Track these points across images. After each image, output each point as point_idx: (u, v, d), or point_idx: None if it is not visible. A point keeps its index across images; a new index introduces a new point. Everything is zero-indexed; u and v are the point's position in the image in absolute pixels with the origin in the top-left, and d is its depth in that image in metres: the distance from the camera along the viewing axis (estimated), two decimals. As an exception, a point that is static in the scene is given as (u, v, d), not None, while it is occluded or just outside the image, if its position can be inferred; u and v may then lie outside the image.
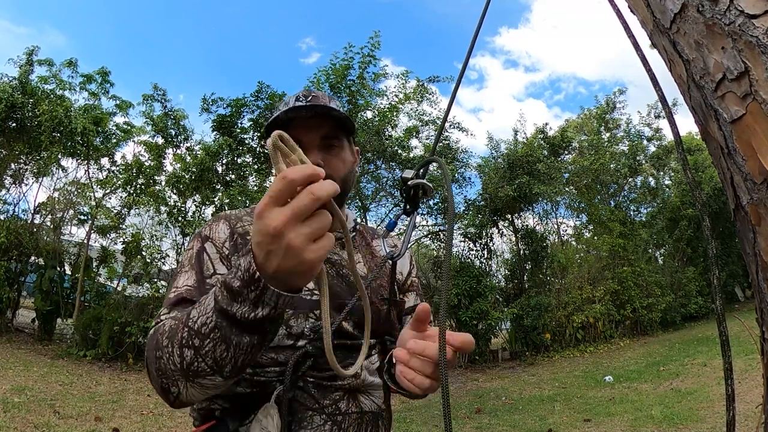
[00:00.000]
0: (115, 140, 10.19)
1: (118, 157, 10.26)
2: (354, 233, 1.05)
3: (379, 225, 10.93)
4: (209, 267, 0.88)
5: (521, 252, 11.57)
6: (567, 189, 12.32)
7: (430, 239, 11.39)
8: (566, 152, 12.90)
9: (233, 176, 9.89)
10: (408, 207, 0.89)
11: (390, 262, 0.94)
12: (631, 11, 0.96)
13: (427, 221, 11.32)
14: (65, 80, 9.72)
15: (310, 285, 0.89)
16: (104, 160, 10.14)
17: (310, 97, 0.96)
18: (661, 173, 14.59)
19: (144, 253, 9.25)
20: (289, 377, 0.82)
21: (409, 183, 0.85)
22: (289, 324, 0.86)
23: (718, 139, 0.75)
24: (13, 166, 9.62)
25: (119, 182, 9.79)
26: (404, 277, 1.09)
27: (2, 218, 9.18)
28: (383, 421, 0.96)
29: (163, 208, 9.62)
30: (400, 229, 1.15)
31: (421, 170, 0.88)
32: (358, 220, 1.10)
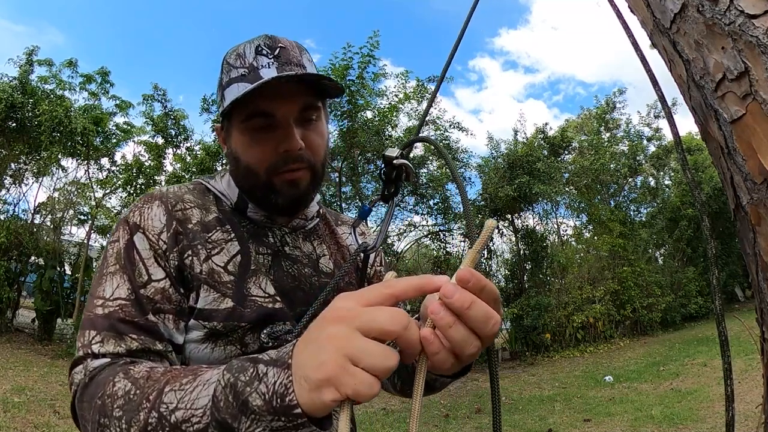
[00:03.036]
0: (115, 140, 10.20)
1: (118, 157, 10.28)
2: (317, 219, 0.86)
3: (379, 224, 10.94)
4: (142, 272, 0.66)
5: (521, 252, 11.56)
6: (567, 189, 12.31)
7: (430, 239, 11.38)
8: (566, 152, 12.89)
9: (233, 176, 9.89)
10: (387, 192, 0.74)
11: (362, 255, 0.77)
12: (631, 11, 0.96)
13: (427, 221, 11.32)
14: (65, 80, 9.72)
15: (271, 290, 0.72)
16: (104, 160, 10.16)
17: (277, 49, 0.73)
18: (661, 173, 14.58)
19: (144, 253, 9.25)
20: None
21: (395, 162, 0.71)
22: (245, 341, 0.69)
23: (718, 139, 0.75)
24: (13, 166, 9.62)
25: (119, 182, 9.80)
26: (369, 268, 0.92)
27: (2, 218, 9.17)
28: None
29: (163, 208, 9.61)
30: (376, 220, 1.02)
31: (405, 150, 0.74)
32: (358, 210, 0.89)
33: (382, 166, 0.72)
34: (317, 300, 0.67)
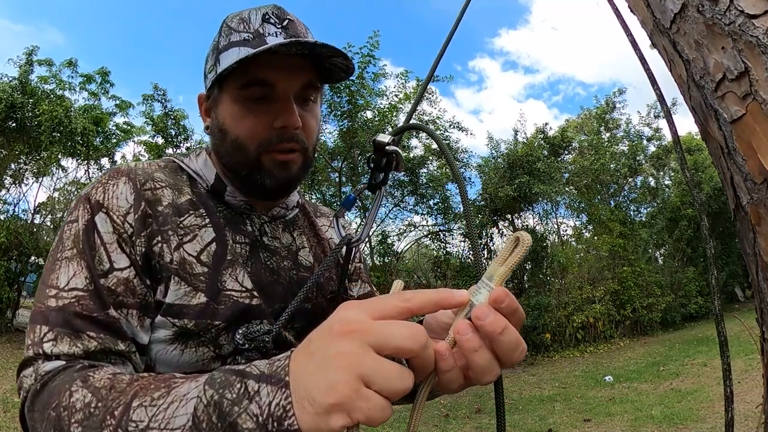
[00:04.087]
0: (115, 140, 10.22)
1: (118, 157, 10.31)
2: (296, 209, 0.80)
3: (379, 225, 10.94)
4: (103, 258, 0.58)
5: (521, 252, 11.56)
6: (567, 189, 12.32)
7: (430, 239, 11.38)
8: (566, 152, 12.91)
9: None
10: (374, 181, 0.67)
11: (345, 248, 0.71)
12: (631, 11, 0.96)
13: (427, 221, 11.33)
14: (65, 80, 9.75)
15: (248, 284, 0.66)
16: (104, 160, 10.18)
17: (285, 21, 0.67)
18: (661, 173, 14.59)
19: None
20: None
21: (387, 148, 0.65)
22: (219, 343, 0.62)
23: (718, 139, 0.75)
24: (13, 166, 9.63)
25: (119, 182, 9.81)
26: (350, 264, 0.87)
27: (2, 218, 9.18)
28: None
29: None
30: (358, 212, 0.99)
31: (396, 137, 0.69)
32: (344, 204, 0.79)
33: (374, 152, 0.66)
34: (297, 297, 0.61)
